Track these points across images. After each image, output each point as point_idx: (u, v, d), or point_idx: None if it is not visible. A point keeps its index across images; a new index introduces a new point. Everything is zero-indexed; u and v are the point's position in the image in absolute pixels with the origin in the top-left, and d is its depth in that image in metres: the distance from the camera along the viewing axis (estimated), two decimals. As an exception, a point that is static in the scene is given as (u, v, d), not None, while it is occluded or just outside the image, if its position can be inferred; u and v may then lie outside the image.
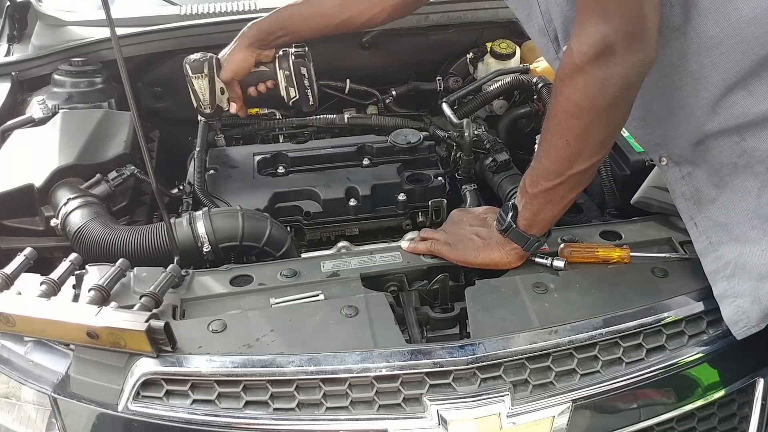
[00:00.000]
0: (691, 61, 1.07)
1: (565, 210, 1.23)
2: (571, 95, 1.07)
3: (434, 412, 1.07)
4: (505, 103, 2.04)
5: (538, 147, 1.19)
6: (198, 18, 2.08)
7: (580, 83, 1.05)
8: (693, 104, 1.10)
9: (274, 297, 1.20)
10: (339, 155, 1.75)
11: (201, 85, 1.66)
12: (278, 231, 1.44)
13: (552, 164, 1.16)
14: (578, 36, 1.03)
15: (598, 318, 1.15)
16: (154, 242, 1.36)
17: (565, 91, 1.08)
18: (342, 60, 2.17)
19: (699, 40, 1.04)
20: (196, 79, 1.66)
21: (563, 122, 1.10)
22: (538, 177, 1.18)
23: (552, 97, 1.12)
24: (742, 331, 1.17)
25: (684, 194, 1.20)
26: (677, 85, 1.10)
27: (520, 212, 1.24)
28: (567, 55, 1.06)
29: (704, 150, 1.14)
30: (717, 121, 1.09)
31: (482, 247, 1.27)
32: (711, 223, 1.19)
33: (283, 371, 1.07)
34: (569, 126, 1.10)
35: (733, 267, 1.16)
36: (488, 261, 1.27)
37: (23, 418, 1.17)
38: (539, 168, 1.18)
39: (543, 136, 1.17)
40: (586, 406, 1.13)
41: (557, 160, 1.15)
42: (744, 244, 1.15)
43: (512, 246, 1.25)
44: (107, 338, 1.04)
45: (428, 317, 1.21)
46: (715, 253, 1.19)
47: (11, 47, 2.12)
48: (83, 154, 1.57)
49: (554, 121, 1.12)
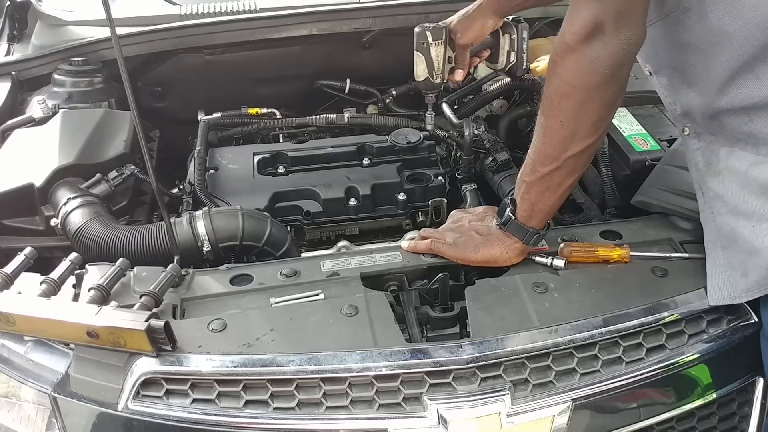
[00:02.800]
0: (702, 41, 1.10)
1: (563, 199, 1.24)
2: (563, 75, 1.10)
3: (434, 412, 1.07)
4: (505, 103, 2.04)
5: (534, 134, 1.20)
6: (198, 18, 2.08)
7: (571, 62, 1.08)
8: (705, 81, 1.14)
9: (274, 296, 1.20)
10: (339, 155, 1.75)
11: (438, 52, 1.58)
12: (278, 231, 1.44)
13: (547, 148, 1.17)
14: (570, 18, 1.07)
15: (598, 317, 1.15)
16: (155, 242, 1.36)
17: (558, 71, 1.11)
18: (342, 60, 2.18)
19: (707, 21, 1.07)
20: (434, 47, 1.57)
21: (556, 103, 1.13)
22: (535, 163, 1.20)
23: (546, 81, 1.15)
24: (722, 299, 1.18)
25: (697, 164, 1.23)
26: (691, 62, 1.14)
27: (519, 204, 1.25)
28: (559, 38, 1.10)
29: (719, 125, 1.17)
30: (726, 100, 1.12)
31: (482, 243, 1.28)
32: (713, 194, 1.21)
33: (283, 370, 1.07)
34: (562, 106, 1.12)
35: (728, 239, 1.19)
36: (488, 257, 1.27)
37: (23, 417, 1.17)
38: (536, 154, 1.20)
39: (538, 122, 1.19)
40: (586, 406, 1.13)
41: (552, 144, 1.17)
42: (738, 218, 1.17)
43: (512, 240, 1.26)
44: (107, 337, 1.04)
45: (428, 316, 1.21)
46: (714, 223, 1.21)
47: (11, 47, 2.12)
48: (83, 153, 1.57)
49: (548, 104, 1.15)
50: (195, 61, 2.08)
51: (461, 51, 1.61)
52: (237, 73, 2.12)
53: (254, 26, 2.05)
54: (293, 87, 2.19)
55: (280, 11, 2.08)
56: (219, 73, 2.10)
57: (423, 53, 1.58)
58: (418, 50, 1.59)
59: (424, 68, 1.60)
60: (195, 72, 2.09)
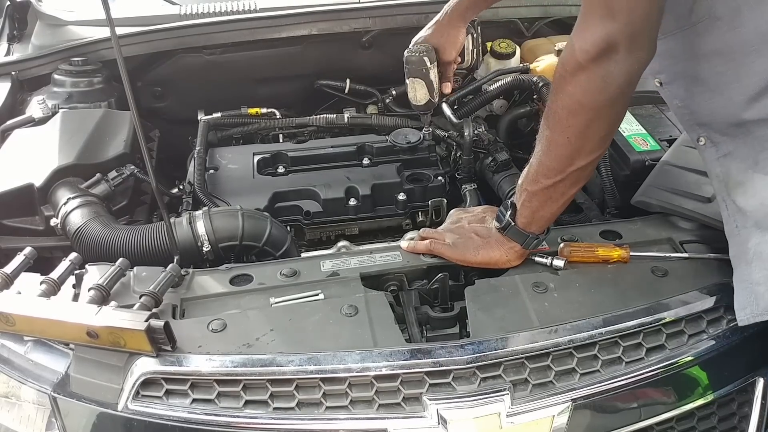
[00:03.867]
0: (733, 49, 1.08)
1: (564, 207, 1.23)
2: (573, 93, 1.08)
3: (434, 412, 1.07)
4: (505, 103, 2.04)
5: (537, 144, 1.19)
6: (198, 18, 2.08)
7: (581, 80, 1.06)
8: (735, 89, 1.11)
9: (274, 296, 1.20)
10: (339, 155, 1.75)
11: (435, 73, 1.60)
12: (278, 230, 1.44)
13: (552, 162, 1.16)
14: (581, 34, 1.04)
15: (597, 317, 1.15)
16: (154, 242, 1.36)
17: (567, 88, 1.08)
18: (342, 59, 2.18)
19: (743, 29, 1.05)
20: (432, 69, 1.59)
21: (564, 120, 1.11)
22: (538, 175, 1.18)
23: (552, 94, 1.13)
24: (747, 318, 1.15)
25: (718, 176, 1.20)
26: (720, 70, 1.11)
27: (519, 210, 1.24)
28: (568, 53, 1.07)
29: (744, 134, 1.14)
30: (757, 108, 1.09)
31: (482, 245, 1.28)
32: (736, 207, 1.18)
33: (282, 370, 1.06)
34: (570, 123, 1.10)
35: (752, 253, 1.16)
36: (488, 260, 1.27)
37: (23, 417, 1.17)
38: (539, 166, 1.18)
39: (542, 134, 1.17)
40: (585, 406, 1.13)
41: (558, 158, 1.15)
42: (764, 232, 1.14)
43: (511, 244, 1.25)
44: (107, 338, 1.04)
45: (428, 317, 1.21)
46: (739, 237, 1.18)
47: (11, 47, 2.12)
48: (83, 153, 1.57)
49: (554, 119, 1.13)
50: (195, 61, 2.08)
51: (448, 65, 1.64)
52: (237, 73, 2.12)
53: (254, 26, 2.05)
54: (293, 87, 2.20)
55: (279, 11, 2.08)
56: (219, 73, 2.10)
57: (422, 78, 1.60)
58: (416, 76, 1.60)
59: (425, 92, 1.62)
60: (195, 72, 2.09)
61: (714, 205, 1.33)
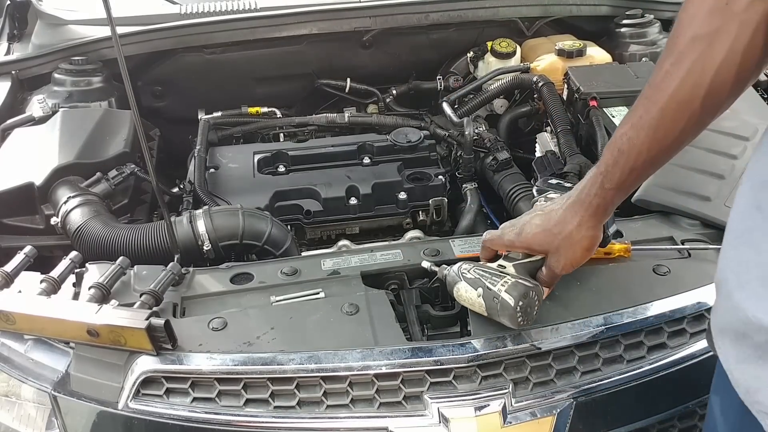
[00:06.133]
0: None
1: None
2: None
3: (435, 410, 1.07)
4: (505, 102, 2.04)
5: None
6: (198, 17, 2.08)
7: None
8: None
9: (275, 295, 1.20)
10: (339, 154, 1.75)
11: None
12: (278, 230, 1.44)
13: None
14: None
15: (598, 316, 1.14)
16: (155, 240, 1.36)
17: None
18: (343, 59, 2.18)
19: None
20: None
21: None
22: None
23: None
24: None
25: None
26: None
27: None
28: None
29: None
30: None
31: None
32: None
33: (283, 369, 1.06)
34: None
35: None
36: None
37: (23, 416, 1.17)
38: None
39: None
40: (587, 404, 1.13)
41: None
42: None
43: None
44: (107, 336, 1.04)
45: (429, 315, 1.21)
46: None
47: (11, 46, 2.12)
48: (83, 152, 1.57)
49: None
50: (195, 60, 2.08)
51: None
52: (237, 72, 2.12)
53: (254, 25, 2.05)
54: (293, 86, 2.20)
55: (280, 10, 2.08)
56: (219, 73, 2.10)
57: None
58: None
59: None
60: (195, 71, 2.09)
61: (714, 204, 1.33)
